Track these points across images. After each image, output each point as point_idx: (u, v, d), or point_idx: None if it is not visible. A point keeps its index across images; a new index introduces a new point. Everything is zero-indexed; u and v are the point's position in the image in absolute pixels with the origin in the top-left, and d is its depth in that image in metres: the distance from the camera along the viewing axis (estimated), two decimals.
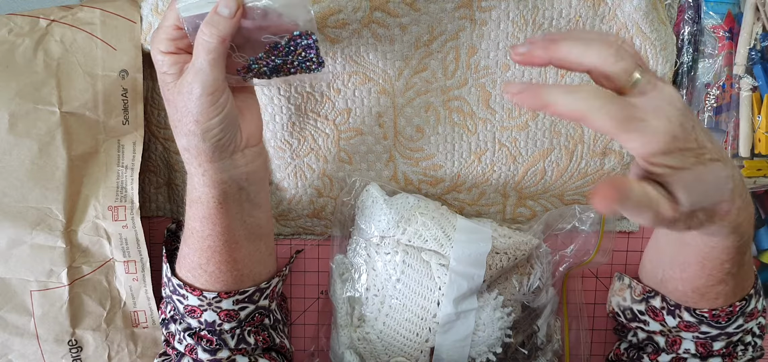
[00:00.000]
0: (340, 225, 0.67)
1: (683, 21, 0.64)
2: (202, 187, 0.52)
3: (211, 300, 0.56)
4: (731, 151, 0.65)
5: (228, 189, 0.53)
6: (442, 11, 0.60)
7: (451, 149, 0.66)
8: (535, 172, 0.66)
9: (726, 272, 0.52)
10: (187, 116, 0.49)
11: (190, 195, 0.54)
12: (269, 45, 0.51)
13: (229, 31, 0.47)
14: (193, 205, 0.54)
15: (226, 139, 0.50)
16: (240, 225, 0.55)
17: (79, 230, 0.60)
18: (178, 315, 0.58)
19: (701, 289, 0.54)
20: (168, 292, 0.59)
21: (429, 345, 0.62)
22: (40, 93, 0.58)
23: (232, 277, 0.56)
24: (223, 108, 0.49)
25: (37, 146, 0.58)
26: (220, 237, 0.54)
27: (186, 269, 0.57)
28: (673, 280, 0.57)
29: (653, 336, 0.61)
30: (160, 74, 0.50)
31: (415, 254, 0.62)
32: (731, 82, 0.65)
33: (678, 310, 0.57)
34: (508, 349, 0.62)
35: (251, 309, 0.59)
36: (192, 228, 0.55)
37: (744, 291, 0.55)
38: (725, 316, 0.55)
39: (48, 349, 0.61)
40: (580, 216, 0.66)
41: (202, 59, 0.47)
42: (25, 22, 0.59)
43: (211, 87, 0.47)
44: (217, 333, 0.57)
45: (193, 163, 0.52)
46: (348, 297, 0.64)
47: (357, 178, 0.66)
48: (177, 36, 0.49)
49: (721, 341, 0.57)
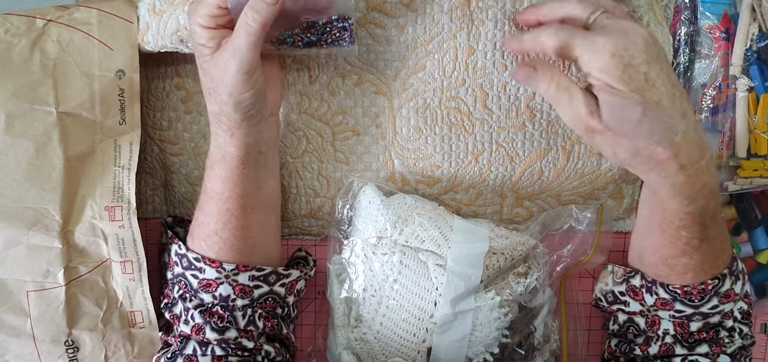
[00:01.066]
0: (337, 226, 0.67)
1: (680, 21, 0.64)
2: (228, 147, 0.55)
3: (229, 273, 0.58)
4: (728, 151, 0.66)
5: (251, 151, 0.56)
6: (440, 12, 0.60)
7: (448, 149, 0.66)
8: (532, 173, 0.66)
9: (685, 242, 0.54)
10: (221, 87, 0.52)
11: (213, 156, 0.57)
12: (306, 23, 0.53)
13: (271, 17, 0.49)
14: (216, 166, 0.56)
15: (255, 109, 0.54)
16: (256, 191, 0.58)
17: (76, 230, 0.60)
18: (190, 292, 0.59)
19: (668, 260, 0.57)
20: (179, 271, 0.60)
21: (426, 345, 0.62)
22: (36, 93, 0.58)
23: (245, 246, 0.59)
24: (256, 84, 0.52)
25: (34, 146, 0.58)
26: (239, 201, 0.57)
27: (200, 239, 0.59)
28: (646, 251, 0.60)
29: (633, 317, 0.62)
30: (196, 45, 0.53)
31: (412, 254, 0.62)
32: (728, 82, 0.65)
33: (654, 287, 0.59)
34: (505, 349, 0.62)
35: (265, 290, 0.60)
36: (212, 192, 0.57)
37: (715, 270, 0.56)
38: (698, 294, 0.56)
39: (44, 350, 0.61)
40: (577, 216, 0.66)
41: (242, 41, 0.49)
42: (22, 21, 0.58)
43: (247, 66, 0.50)
44: (229, 309, 0.58)
45: (222, 126, 0.55)
46: (345, 297, 0.64)
47: (354, 178, 0.66)
48: (219, 14, 0.51)
49: (698, 321, 0.57)
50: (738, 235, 0.71)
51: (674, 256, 0.56)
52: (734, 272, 0.57)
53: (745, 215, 0.70)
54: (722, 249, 0.56)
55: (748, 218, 0.70)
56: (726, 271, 0.56)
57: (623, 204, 0.68)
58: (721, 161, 0.66)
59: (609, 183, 0.67)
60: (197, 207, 0.60)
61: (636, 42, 0.47)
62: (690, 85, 0.65)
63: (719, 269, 0.56)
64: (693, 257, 0.55)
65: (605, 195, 0.68)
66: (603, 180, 0.66)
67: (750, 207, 0.70)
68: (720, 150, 0.66)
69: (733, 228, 0.71)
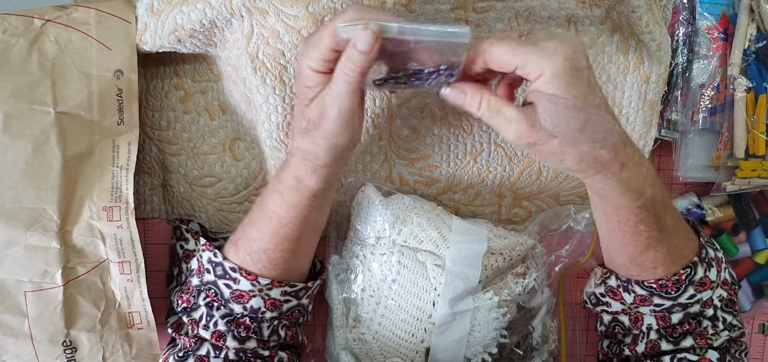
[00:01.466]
0: (336, 226, 0.67)
1: (678, 22, 0.65)
2: (306, 181, 0.55)
3: (263, 287, 0.58)
4: (726, 151, 0.66)
5: (325, 188, 0.56)
6: (438, 12, 0.60)
7: (446, 150, 0.66)
8: (530, 173, 0.66)
9: (646, 236, 0.55)
10: (318, 131, 0.51)
11: (285, 182, 0.56)
12: (412, 70, 0.51)
13: (367, 65, 0.48)
14: (286, 191, 0.56)
15: (347, 152, 0.54)
16: (314, 219, 0.59)
17: (74, 231, 0.60)
18: (220, 300, 0.59)
19: (635, 258, 0.57)
20: (210, 278, 0.59)
21: (425, 345, 0.62)
22: (34, 93, 0.58)
23: (289, 266, 0.59)
24: (354, 129, 0.52)
25: (32, 146, 0.58)
26: (299, 228, 0.57)
27: (246, 252, 0.58)
28: (614, 255, 0.60)
29: (617, 316, 0.63)
30: (302, 86, 0.52)
31: (411, 255, 0.62)
32: (726, 83, 0.65)
33: (630, 285, 0.59)
34: (504, 350, 0.62)
35: (294, 304, 0.61)
36: (272, 213, 0.56)
37: (684, 260, 0.57)
38: (673, 286, 0.57)
39: (42, 350, 0.61)
40: (575, 216, 0.66)
41: (341, 87, 0.49)
42: (20, 21, 0.58)
43: (347, 112, 0.50)
44: (257, 320, 0.58)
45: (306, 163, 0.54)
46: (344, 298, 0.64)
47: (353, 178, 0.66)
48: (332, 57, 0.50)
49: (678, 313, 0.58)
50: (736, 235, 0.71)
51: (640, 253, 0.57)
52: (705, 259, 0.58)
53: (743, 215, 0.70)
54: (686, 237, 0.57)
55: (746, 218, 0.70)
56: (696, 259, 0.57)
57: None
58: (719, 161, 0.66)
59: None
60: (249, 220, 0.59)
61: (577, 47, 0.47)
62: (688, 86, 0.65)
63: (688, 258, 0.57)
64: (658, 250, 0.56)
65: None
66: None
67: (748, 207, 0.70)
68: (718, 150, 0.66)
69: (732, 229, 0.71)
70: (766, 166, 0.64)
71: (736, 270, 0.71)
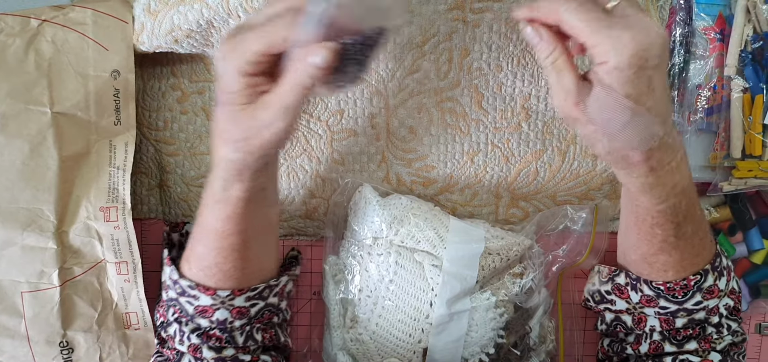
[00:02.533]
0: (333, 227, 0.67)
1: (675, 23, 0.65)
2: (235, 191, 0.51)
3: (224, 299, 0.56)
4: (722, 152, 0.66)
5: (255, 192, 0.53)
6: (435, 13, 0.60)
7: (443, 150, 0.66)
8: (527, 173, 0.67)
9: (661, 239, 0.54)
10: (256, 140, 0.47)
11: (214, 195, 0.53)
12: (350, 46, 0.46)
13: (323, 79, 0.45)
14: (217, 205, 0.53)
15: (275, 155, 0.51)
16: (258, 223, 0.56)
17: (71, 231, 0.60)
18: (185, 316, 0.58)
19: (647, 257, 0.57)
20: (172, 295, 0.58)
21: (422, 346, 0.62)
22: (31, 93, 0.58)
23: (245, 274, 0.57)
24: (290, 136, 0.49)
25: (28, 147, 0.58)
26: (241, 236, 0.54)
27: (198, 268, 0.56)
28: (627, 250, 0.60)
29: (620, 315, 0.62)
30: (226, 93, 0.46)
31: (408, 255, 0.62)
32: (722, 83, 0.65)
33: (638, 284, 0.59)
34: (501, 350, 0.62)
35: (261, 305, 0.59)
36: (211, 228, 0.54)
37: (696, 267, 0.56)
38: (680, 291, 0.56)
39: (39, 351, 0.61)
40: (572, 216, 0.66)
41: (293, 100, 0.45)
42: (16, 21, 0.58)
43: (293, 119, 0.46)
44: (227, 330, 0.57)
45: (232, 172, 0.50)
46: (341, 298, 0.64)
47: (350, 179, 0.66)
48: (263, 61, 0.45)
49: (682, 318, 0.58)
50: (733, 236, 0.71)
51: (652, 254, 0.56)
52: (717, 268, 0.57)
53: (739, 216, 0.70)
54: (702, 246, 0.56)
55: (743, 219, 0.70)
56: (708, 267, 0.57)
57: (619, 205, 0.68)
58: (716, 162, 0.67)
59: (604, 183, 0.67)
60: (193, 236, 0.56)
61: (655, 43, 0.44)
62: (685, 86, 0.66)
63: (700, 265, 0.57)
64: (671, 255, 0.55)
65: (601, 195, 0.68)
66: (598, 180, 0.66)
67: (745, 207, 0.70)
68: (715, 150, 0.66)
69: (728, 229, 0.71)
70: (762, 167, 0.64)
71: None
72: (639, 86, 0.45)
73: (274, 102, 0.45)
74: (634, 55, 0.43)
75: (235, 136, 0.47)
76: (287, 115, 0.45)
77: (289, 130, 0.47)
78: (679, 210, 0.52)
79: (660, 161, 0.49)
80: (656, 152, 0.48)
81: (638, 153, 0.48)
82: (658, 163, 0.49)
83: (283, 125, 0.46)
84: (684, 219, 0.53)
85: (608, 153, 0.49)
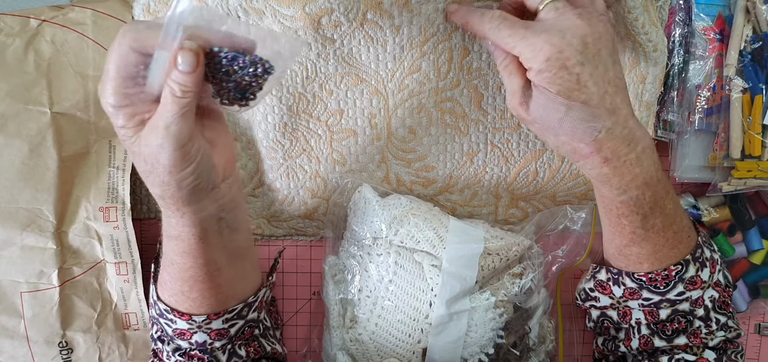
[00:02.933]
0: (333, 227, 0.67)
1: (674, 23, 0.65)
2: (182, 227, 0.50)
3: (200, 323, 0.55)
4: (722, 152, 0.66)
5: (208, 225, 0.51)
6: (435, 12, 0.60)
7: (443, 150, 0.66)
8: (527, 173, 0.67)
9: (629, 231, 0.55)
10: (159, 169, 0.45)
11: (168, 232, 0.52)
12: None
13: (197, 84, 0.43)
14: (172, 241, 0.52)
15: (203, 182, 0.48)
16: (221, 253, 0.54)
17: (70, 231, 0.60)
18: (166, 336, 0.57)
19: (621, 249, 0.58)
20: (154, 314, 0.58)
21: (421, 346, 0.62)
22: (30, 93, 0.58)
23: (217, 300, 0.55)
24: (197, 155, 0.46)
25: (28, 147, 0.58)
26: (203, 268, 0.53)
27: (169, 294, 0.55)
28: (607, 243, 0.61)
29: (606, 311, 0.63)
30: (117, 128, 0.46)
31: (408, 255, 0.62)
32: (722, 83, 0.65)
33: (621, 277, 0.59)
34: (500, 350, 0.62)
35: (241, 324, 0.58)
36: (172, 260, 0.53)
37: (672, 259, 0.57)
38: (662, 281, 0.57)
39: (38, 351, 0.61)
40: (572, 216, 0.66)
41: (173, 114, 0.43)
42: (16, 22, 0.58)
43: (183, 139, 0.44)
44: (208, 352, 0.57)
45: (169, 207, 0.49)
46: (340, 298, 0.64)
47: (349, 179, 0.66)
48: (124, 86, 0.44)
49: (666, 308, 0.58)
50: (732, 236, 0.71)
51: (625, 245, 0.57)
52: (698, 259, 0.57)
53: (739, 216, 0.70)
54: (677, 239, 0.57)
55: (742, 219, 0.70)
56: (689, 257, 0.57)
57: None
58: (715, 162, 0.67)
59: None
60: (161, 262, 0.55)
61: (572, 43, 0.47)
62: (684, 87, 0.66)
63: (678, 257, 0.57)
64: (642, 246, 0.56)
65: None
66: None
67: (744, 208, 0.70)
68: (714, 151, 0.66)
69: (728, 229, 0.71)
70: (761, 167, 0.64)
71: (731, 271, 0.71)
72: (566, 83, 0.48)
73: (156, 122, 0.44)
74: (549, 58, 0.47)
75: (143, 169, 0.47)
76: (171, 133, 0.44)
77: (183, 151, 0.45)
78: (644, 202, 0.53)
79: (614, 152, 0.50)
80: (606, 142, 0.50)
81: (586, 145, 0.50)
82: (613, 153, 0.50)
83: (172, 145, 0.44)
84: (650, 212, 0.54)
85: (557, 147, 0.52)
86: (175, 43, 0.42)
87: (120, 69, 0.43)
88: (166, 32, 0.42)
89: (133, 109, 0.44)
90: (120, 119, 0.45)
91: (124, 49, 0.43)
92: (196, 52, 0.42)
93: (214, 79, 0.45)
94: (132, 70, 0.43)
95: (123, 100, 0.44)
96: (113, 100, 0.44)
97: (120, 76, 0.43)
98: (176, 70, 0.42)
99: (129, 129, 0.45)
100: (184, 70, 0.42)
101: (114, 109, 0.44)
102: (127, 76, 0.43)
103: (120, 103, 0.44)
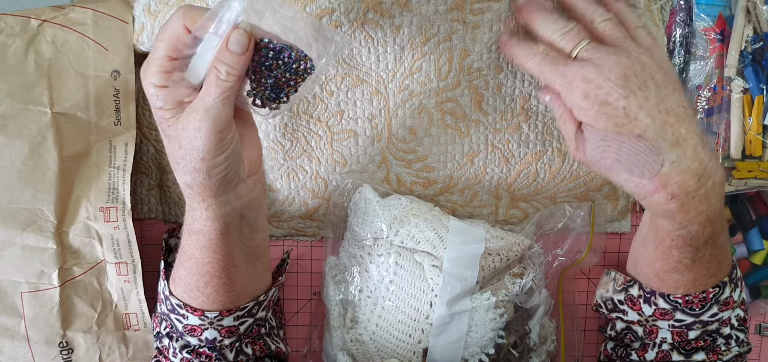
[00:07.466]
0: (333, 227, 0.67)
1: (675, 23, 0.65)
2: (205, 221, 0.51)
3: (212, 320, 0.56)
4: (722, 152, 0.66)
5: (230, 220, 0.52)
6: (435, 13, 0.60)
7: (443, 151, 0.66)
8: (527, 174, 0.67)
9: (676, 260, 0.54)
10: (193, 154, 0.46)
11: (190, 226, 0.52)
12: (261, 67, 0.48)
13: (243, 68, 0.45)
14: (193, 235, 0.52)
15: (232, 173, 0.49)
16: (239, 250, 0.55)
17: (71, 231, 0.60)
18: (176, 333, 0.58)
19: (659, 273, 0.56)
20: (165, 310, 0.58)
21: (422, 346, 0.62)
22: (31, 93, 0.58)
23: (230, 297, 0.56)
24: (231, 144, 0.47)
25: (28, 147, 0.58)
26: (220, 264, 0.53)
27: (182, 289, 0.56)
28: (640, 260, 0.60)
29: (632, 325, 0.62)
30: (155, 109, 0.47)
31: (408, 256, 0.62)
32: (722, 84, 0.65)
33: (653, 297, 0.58)
34: (501, 350, 0.62)
35: (250, 322, 0.59)
36: (190, 255, 0.54)
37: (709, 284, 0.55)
38: (699, 303, 0.55)
39: (38, 351, 0.61)
40: (571, 214, 0.66)
41: (215, 97, 0.44)
42: (17, 22, 0.58)
43: (221, 125, 0.45)
44: (217, 349, 0.57)
45: (195, 198, 0.50)
46: (341, 299, 0.64)
47: (350, 179, 0.66)
48: (171, 68, 0.45)
49: (696, 330, 0.57)
50: (733, 236, 0.71)
51: (666, 271, 0.56)
52: (734, 280, 0.57)
53: (739, 216, 0.70)
54: (718, 267, 0.55)
55: (743, 219, 0.70)
56: (726, 279, 0.56)
57: (618, 206, 0.68)
58: None
59: (604, 184, 0.67)
60: (177, 256, 0.56)
61: (610, 78, 0.46)
62: (685, 87, 0.66)
63: (713, 282, 0.55)
64: (684, 275, 0.55)
65: (600, 196, 0.68)
66: (598, 181, 0.66)
67: (745, 208, 0.70)
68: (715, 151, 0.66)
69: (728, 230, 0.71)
70: (762, 167, 0.64)
71: None
72: (612, 118, 0.46)
73: (197, 105, 0.45)
74: (587, 94, 0.46)
75: (176, 154, 0.47)
76: (211, 117, 0.45)
77: (219, 137, 0.46)
78: (700, 237, 0.51)
79: (682, 187, 0.47)
80: (675, 177, 0.47)
81: (649, 181, 0.47)
82: (680, 188, 0.47)
83: (210, 128, 0.45)
84: (703, 245, 0.52)
85: (621, 184, 0.49)
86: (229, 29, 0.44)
87: (170, 49, 0.44)
88: (221, 19, 0.44)
89: (173, 91, 0.46)
90: (159, 101, 0.46)
91: (179, 29, 0.44)
92: (249, 35, 0.44)
93: (254, 73, 0.47)
94: (180, 51, 0.45)
95: (164, 81, 0.45)
96: (156, 79, 0.45)
97: (168, 56, 0.45)
98: (226, 51, 0.44)
99: (167, 111, 0.46)
100: (235, 50, 0.44)
101: (155, 89, 0.45)
102: (174, 57, 0.45)
103: (161, 83, 0.45)
